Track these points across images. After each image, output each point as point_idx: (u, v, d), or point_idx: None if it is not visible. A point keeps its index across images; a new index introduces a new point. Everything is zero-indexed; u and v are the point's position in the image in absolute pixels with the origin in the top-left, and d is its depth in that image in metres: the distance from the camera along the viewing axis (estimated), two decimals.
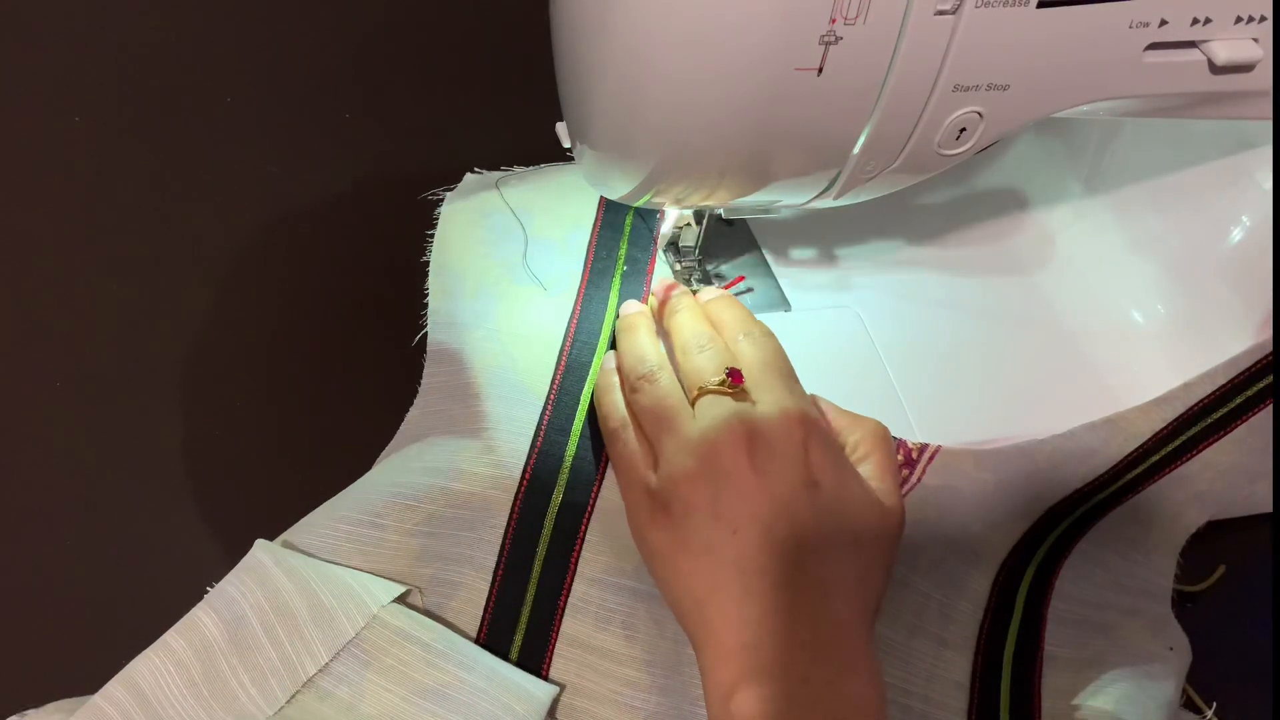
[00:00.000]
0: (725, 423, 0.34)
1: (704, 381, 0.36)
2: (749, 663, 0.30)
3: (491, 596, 0.37)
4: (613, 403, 0.38)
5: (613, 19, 0.29)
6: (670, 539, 0.33)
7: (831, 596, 0.32)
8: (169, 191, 0.49)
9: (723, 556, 0.32)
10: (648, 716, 0.35)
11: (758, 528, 0.32)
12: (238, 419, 0.43)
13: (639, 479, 0.35)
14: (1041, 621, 0.39)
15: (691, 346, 0.37)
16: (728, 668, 0.31)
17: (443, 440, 0.39)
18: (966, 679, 0.38)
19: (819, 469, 0.33)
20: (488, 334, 0.41)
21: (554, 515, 0.37)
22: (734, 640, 0.31)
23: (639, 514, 0.35)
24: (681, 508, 0.33)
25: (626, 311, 0.41)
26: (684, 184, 0.34)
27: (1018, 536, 0.40)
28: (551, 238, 0.44)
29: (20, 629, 0.38)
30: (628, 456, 0.36)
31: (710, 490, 0.33)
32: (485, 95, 0.54)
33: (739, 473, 0.33)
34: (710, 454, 0.33)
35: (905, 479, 0.39)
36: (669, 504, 0.34)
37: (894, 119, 0.31)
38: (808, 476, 0.33)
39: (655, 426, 0.35)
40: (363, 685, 0.34)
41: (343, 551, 0.36)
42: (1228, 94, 0.35)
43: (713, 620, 0.32)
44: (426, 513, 0.37)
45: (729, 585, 0.32)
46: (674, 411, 0.35)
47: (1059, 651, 0.38)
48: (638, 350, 0.38)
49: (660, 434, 0.35)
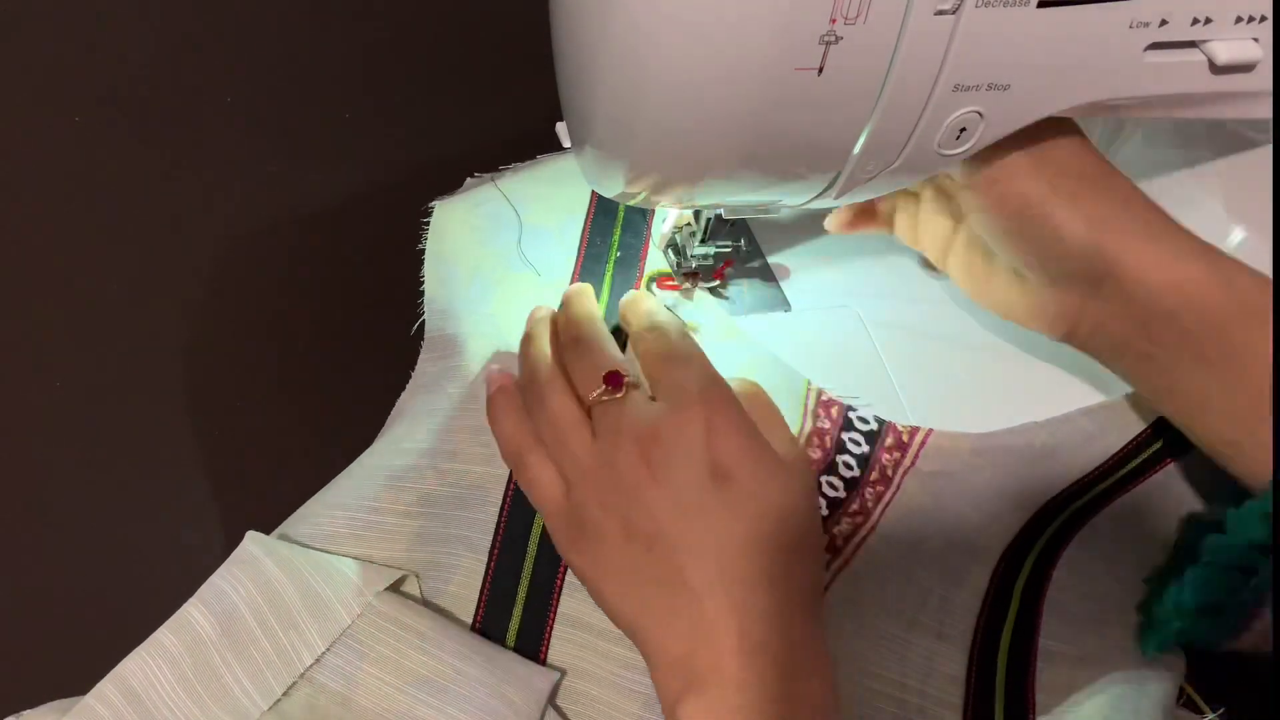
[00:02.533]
0: (615, 436, 0.33)
1: (587, 392, 0.34)
2: (686, 675, 0.30)
3: (488, 577, 0.37)
4: (506, 430, 0.36)
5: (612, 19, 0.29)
6: (591, 563, 0.33)
7: (760, 592, 0.31)
8: (169, 191, 0.49)
9: (643, 575, 0.31)
10: (647, 701, 0.35)
11: (669, 542, 0.31)
12: (237, 418, 0.43)
13: (551, 506, 0.34)
14: (1037, 615, 0.39)
15: (570, 353, 0.36)
16: (671, 681, 0.30)
17: (436, 421, 0.39)
18: (962, 673, 0.37)
19: (729, 457, 0.32)
20: (483, 319, 0.41)
21: None
22: (670, 655, 0.31)
23: (559, 539, 0.34)
24: (595, 531, 0.32)
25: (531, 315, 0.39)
26: (684, 184, 0.34)
27: (1017, 528, 0.39)
28: (546, 225, 0.44)
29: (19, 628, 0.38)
30: (539, 485, 0.34)
31: (618, 512, 0.32)
32: (485, 95, 0.54)
33: (639, 485, 0.32)
34: (607, 472, 0.33)
35: (898, 462, 0.39)
36: (583, 528, 0.33)
37: (894, 119, 0.31)
38: (715, 468, 0.32)
39: (552, 451, 0.34)
40: (358, 676, 0.34)
41: (339, 539, 0.36)
42: (1228, 94, 0.35)
43: (649, 637, 0.31)
44: (421, 493, 0.37)
45: (655, 602, 0.31)
46: (566, 433, 0.34)
47: (1054, 647, 0.38)
48: (529, 363, 0.37)
49: (558, 459, 0.34)
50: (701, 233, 0.42)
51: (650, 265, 0.44)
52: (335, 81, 0.53)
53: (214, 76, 0.52)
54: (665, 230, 0.43)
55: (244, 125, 0.52)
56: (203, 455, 0.42)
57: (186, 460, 0.42)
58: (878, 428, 0.39)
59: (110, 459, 0.42)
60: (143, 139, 0.50)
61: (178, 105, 0.51)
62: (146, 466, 0.42)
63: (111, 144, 0.50)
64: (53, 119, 0.50)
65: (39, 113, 0.50)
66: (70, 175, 0.49)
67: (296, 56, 0.54)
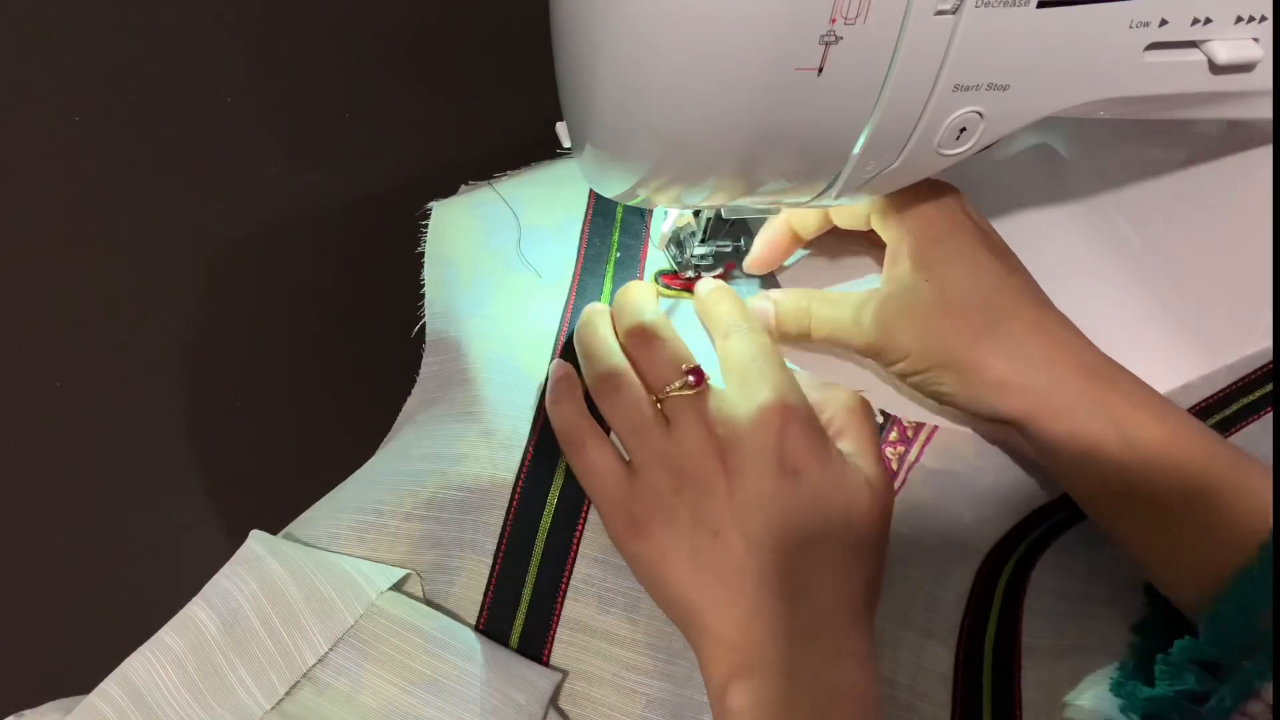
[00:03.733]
0: (695, 430, 0.34)
1: (665, 385, 0.36)
2: (737, 660, 0.32)
3: (492, 579, 0.37)
4: (566, 415, 0.37)
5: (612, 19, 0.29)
6: (652, 549, 0.34)
7: (815, 587, 0.32)
8: (169, 191, 0.49)
9: (705, 561, 0.33)
10: (649, 701, 0.35)
11: (737, 530, 0.33)
12: (238, 417, 0.43)
13: (611, 494, 0.35)
14: (1019, 614, 0.39)
15: (644, 347, 0.37)
16: (720, 666, 0.32)
17: (442, 426, 0.39)
18: (950, 671, 0.38)
19: (798, 457, 0.34)
20: (485, 321, 0.41)
21: (555, 497, 0.37)
22: (724, 639, 0.32)
23: (615, 527, 0.35)
24: (663, 518, 0.34)
25: (586, 311, 0.40)
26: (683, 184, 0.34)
27: (1005, 530, 0.40)
28: (545, 226, 0.44)
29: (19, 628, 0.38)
30: (599, 473, 0.36)
31: (688, 499, 0.34)
32: (485, 95, 0.54)
33: (713, 477, 0.34)
34: (685, 463, 0.34)
35: (902, 456, 0.39)
36: (649, 516, 0.34)
37: (894, 119, 0.31)
38: (785, 468, 0.33)
39: (627, 438, 0.36)
40: (361, 676, 0.34)
41: (343, 540, 0.36)
42: (1228, 94, 0.35)
43: (704, 622, 0.33)
44: (426, 496, 0.37)
45: (714, 587, 0.33)
46: (644, 422, 0.35)
47: (1037, 643, 0.39)
48: (599, 354, 0.38)
49: (633, 446, 0.35)
50: (701, 233, 0.42)
51: (650, 265, 0.44)
52: (335, 82, 0.53)
53: (214, 76, 0.52)
54: (665, 230, 0.43)
55: (244, 125, 0.51)
56: (205, 455, 0.42)
57: (189, 461, 0.42)
58: (883, 421, 0.40)
59: (113, 459, 0.42)
60: (143, 139, 0.50)
61: (178, 105, 0.51)
62: (149, 466, 0.42)
63: (111, 144, 0.50)
64: (53, 119, 0.50)
65: (39, 113, 0.50)
66: (70, 175, 0.49)
67: (296, 56, 0.54)
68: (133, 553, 0.40)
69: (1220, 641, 0.32)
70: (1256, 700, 0.31)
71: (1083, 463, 0.35)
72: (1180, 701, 0.32)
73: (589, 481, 0.36)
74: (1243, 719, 0.31)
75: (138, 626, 0.34)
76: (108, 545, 0.40)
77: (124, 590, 0.39)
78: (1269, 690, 0.31)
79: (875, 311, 0.38)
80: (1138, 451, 0.34)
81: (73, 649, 0.38)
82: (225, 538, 0.40)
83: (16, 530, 0.40)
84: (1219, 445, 0.34)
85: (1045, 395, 0.35)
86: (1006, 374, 0.35)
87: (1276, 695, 0.30)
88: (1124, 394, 0.35)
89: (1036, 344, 0.36)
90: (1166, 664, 0.33)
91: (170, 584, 0.35)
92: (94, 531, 0.40)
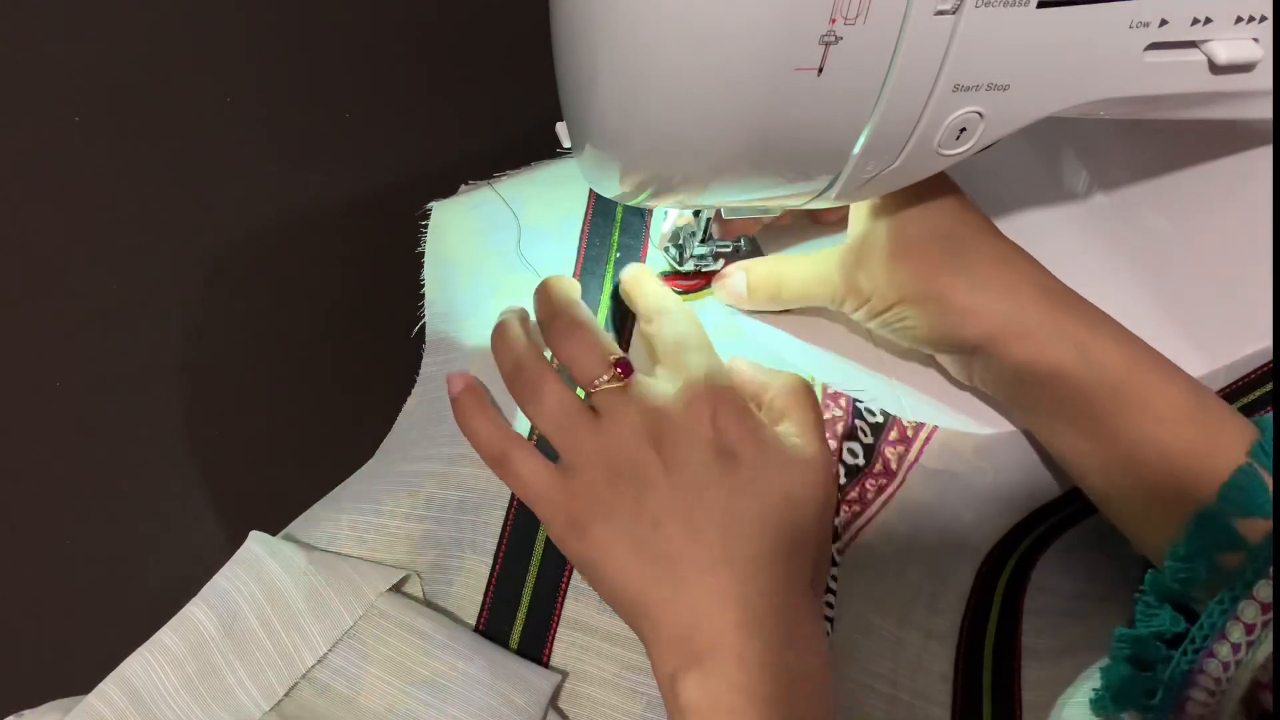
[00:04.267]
0: (626, 421, 0.34)
1: (593, 378, 0.35)
2: (687, 650, 0.31)
3: (492, 580, 0.37)
4: (481, 429, 0.36)
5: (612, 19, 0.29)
6: (594, 547, 0.33)
7: (762, 570, 0.32)
8: (169, 191, 0.49)
9: (649, 553, 0.32)
10: (650, 701, 0.35)
11: (678, 518, 0.32)
12: (238, 417, 0.43)
13: (545, 497, 0.34)
14: (1019, 614, 0.39)
15: (566, 339, 0.36)
16: (670, 657, 0.31)
17: (441, 427, 0.39)
18: (950, 671, 0.38)
19: (733, 440, 0.33)
20: (484, 321, 0.41)
21: None
22: (672, 631, 0.31)
23: (555, 529, 0.34)
24: (601, 512, 0.33)
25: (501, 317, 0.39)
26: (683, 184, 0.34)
27: (1005, 530, 0.40)
28: (544, 226, 0.44)
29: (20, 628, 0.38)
30: (528, 480, 0.35)
31: (625, 492, 0.33)
32: (485, 95, 0.54)
33: (649, 467, 0.33)
34: (618, 456, 0.33)
35: (902, 455, 0.39)
36: (588, 514, 0.33)
37: (894, 119, 0.31)
38: (721, 451, 0.33)
39: (557, 438, 0.35)
40: (361, 677, 0.34)
41: (343, 541, 0.36)
42: (1228, 94, 0.35)
43: (651, 614, 0.32)
44: (426, 496, 0.37)
45: (660, 579, 0.32)
46: (573, 420, 0.34)
47: (1036, 643, 0.39)
48: (515, 355, 0.36)
49: (563, 445, 0.34)
50: (701, 233, 0.42)
51: (650, 265, 0.44)
52: (335, 82, 0.53)
53: (214, 76, 0.52)
54: (665, 230, 0.43)
55: (244, 125, 0.52)
56: (205, 455, 0.42)
57: (189, 461, 0.42)
58: (883, 420, 0.40)
59: (112, 459, 0.42)
60: (143, 139, 0.50)
61: (178, 105, 0.51)
62: (148, 466, 0.42)
63: (111, 144, 0.50)
64: (53, 119, 0.50)
65: (39, 113, 0.50)
66: (70, 175, 0.49)
67: (296, 56, 0.54)
68: (133, 553, 0.40)
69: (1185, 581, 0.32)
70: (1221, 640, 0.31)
71: (1044, 385, 0.35)
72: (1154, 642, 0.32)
73: (521, 491, 0.35)
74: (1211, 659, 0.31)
75: (137, 626, 0.34)
76: (108, 545, 0.40)
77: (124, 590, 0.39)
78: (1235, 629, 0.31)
79: (839, 261, 0.38)
80: (1098, 374, 0.34)
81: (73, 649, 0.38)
82: (225, 538, 0.40)
83: (16, 530, 0.40)
84: (1178, 373, 0.35)
85: (1008, 319, 0.35)
86: (969, 301, 0.35)
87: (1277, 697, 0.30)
88: (1085, 319, 0.35)
89: (997, 271, 0.36)
90: (1143, 602, 0.33)
91: (170, 584, 0.35)
92: (94, 531, 0.40)
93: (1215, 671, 0.31)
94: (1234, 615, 0.31)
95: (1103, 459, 0.35)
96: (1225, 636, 0.31)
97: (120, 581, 0.39)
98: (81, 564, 0.40)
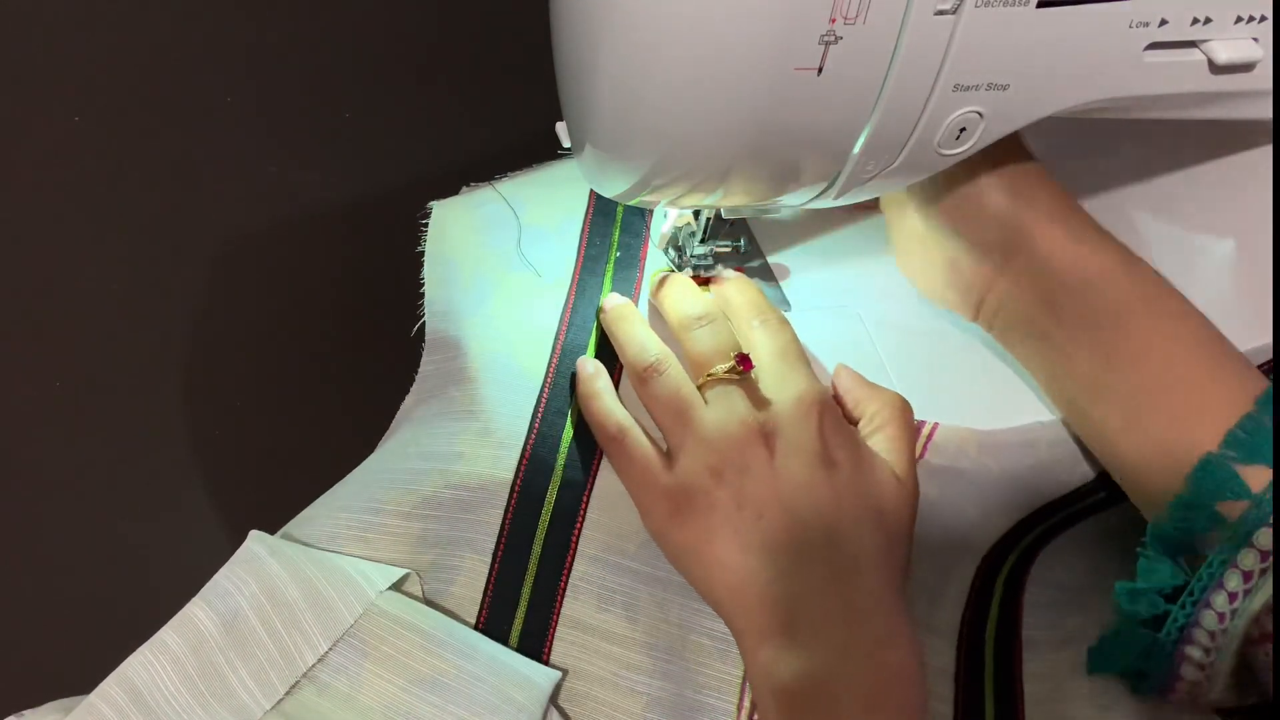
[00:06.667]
0: (741, 416, 0.35)
1: (711, 367, 0.36)
2: (785, 640, 0.32)
3: (491, 578, 0.37)
4: (603, 409, 0.38)
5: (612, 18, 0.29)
6: (695, 534, 0.34)
7: (861, 570, 0.33)
8: (169, 191, 0.49)
9: (750, 542, 0.33)
10: (649, 701, 0.35)
11: (782, 510, 0.33)
12: (238, 416, 0.43)
13: (652, 481, 0.35)
14: (1018, 608, 0.39)
15: (690, 323, 0.38)
16: (766, 648, 0.32)
17: (440, 424, 0.39)
18: (951, 666, 0.38)
19: (835, 449, 0.35)
20: (484, 320, 0.41)
21: (554, 495, 0.37)
22: (770, 620, 0.32)
23: (656, 514, 0.35)
24: (705, 502, 0.34)
25: (611, 304, 0.41)
26: (683, 184, 0.34)
27: (1007, 527, 0.40)
28: (545, 225, 0.45)
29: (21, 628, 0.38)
30: (638, 461, 0.36)
31: (730, 481, 0.34)
32: (485, 94, 0.54)
33: (758, 462, 0.34)
34: (730, 447, 0.34)
35: None
36: (691, 500, 0.34)
37: (894, 119, 0.31)
38: (825, 458, 0.34)
39: (671, 421, 0.36)
40: (361, 676, 0.34)
41: (342, 540, 0.36)
42: (1228, 94, 0.35)
43: (748, 604, 0.33)
44: (424, 495, 0.37)
45: (759, 568, 0.33)
46: (688, 405, 0.36)
47: (1037, 634, 0.39)
48: (638, 340, 0.38)
49: (676, 429, 0.36)
50: (701, 233, 0.42)
51: (650, 265, 0.44)
52: (335, 82, 0.53)
53: (214, 76, 0.52)
54: (665, 230, 0.43)
55: (244, 125, 0.52)
56: (204, 455, 0.42)
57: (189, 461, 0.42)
58: None
59: (112, 459, 0.42)
60: (143, 139, 0.50)
61: (178, 105, 0.51)
62: (148, 466, 0.42)
63: (111, 144, 0.50)
64: (53, 119, 0.50)
65: (39, 113, 0.50)
66: (70, 175, 0.49)
67: (296, 56, 0.54)
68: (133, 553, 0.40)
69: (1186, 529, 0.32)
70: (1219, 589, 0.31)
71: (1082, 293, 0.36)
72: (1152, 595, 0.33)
73: (627, 471, 0.36)
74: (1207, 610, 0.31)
75: (138, 626, 0.34)
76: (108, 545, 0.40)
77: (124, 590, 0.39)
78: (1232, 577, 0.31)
79: None
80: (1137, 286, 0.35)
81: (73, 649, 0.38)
82: (225, 538, 0.40)
83: (17, 530, 0.40)
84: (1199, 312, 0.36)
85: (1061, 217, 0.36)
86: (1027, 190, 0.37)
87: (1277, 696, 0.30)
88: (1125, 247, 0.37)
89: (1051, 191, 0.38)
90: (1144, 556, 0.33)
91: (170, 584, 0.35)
92: (94, 531, 0.40)
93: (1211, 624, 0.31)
94: (1233, 564, 0.31)
95: (1125, 386, 0.35)
96: (1223, 585, 0.31)
97: (120, 581, 0.39)
98: (81, 564, 0.40)
